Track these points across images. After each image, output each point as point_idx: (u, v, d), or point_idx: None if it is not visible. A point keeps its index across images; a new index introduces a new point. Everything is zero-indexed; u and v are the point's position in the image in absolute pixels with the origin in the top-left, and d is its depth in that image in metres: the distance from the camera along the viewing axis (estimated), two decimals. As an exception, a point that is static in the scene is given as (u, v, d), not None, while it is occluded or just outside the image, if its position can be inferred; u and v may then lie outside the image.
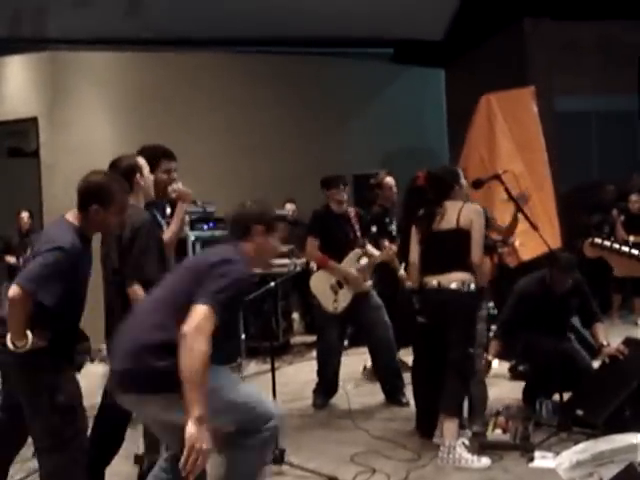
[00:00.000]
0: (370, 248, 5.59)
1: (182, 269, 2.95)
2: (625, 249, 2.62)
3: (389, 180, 6.41)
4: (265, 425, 2.79)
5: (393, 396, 5.33)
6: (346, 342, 6.98)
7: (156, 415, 2.76)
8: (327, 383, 5.50)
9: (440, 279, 4.21)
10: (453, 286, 4.16)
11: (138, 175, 3.52)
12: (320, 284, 5.43)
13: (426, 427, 4.44)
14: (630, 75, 9.66)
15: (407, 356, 5.63)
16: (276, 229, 3.06)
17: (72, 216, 2.99)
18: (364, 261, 5.45)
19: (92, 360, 7.08)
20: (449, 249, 4.23)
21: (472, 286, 4.17)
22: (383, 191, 6.39)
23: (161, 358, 2.59)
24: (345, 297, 5.37)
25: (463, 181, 4.51)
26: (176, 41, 10.11)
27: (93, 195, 2.95)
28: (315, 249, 5.46)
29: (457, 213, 4.24)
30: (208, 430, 2.50)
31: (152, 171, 3.86)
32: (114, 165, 3.52)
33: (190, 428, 2.46)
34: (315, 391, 5.50)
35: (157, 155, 3.92)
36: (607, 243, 2.64)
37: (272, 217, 3.06)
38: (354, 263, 5.44)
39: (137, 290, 3.32)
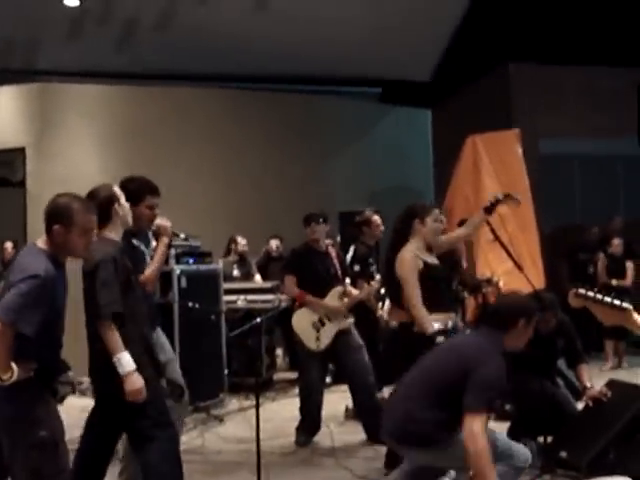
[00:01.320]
0: (350, 288, 5.60)
1: (448, 352, 3.50)
2: (607, 299, 2.65)
3: (377, 218, 6.46)
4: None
5: (375, 435, 5.27)
6: (329, 379, 6.96)
7: (430, 463, 3.47)
8: (310, 421, 5.45)
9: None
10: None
11: (116, 205, 3.51)
12: (302, 322, 5.40)
13: (394, 463, 4.43)
14: (611, 119, 9.86)
15: (390, 394, 5.59)
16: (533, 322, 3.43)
17: (42, 242, 2.98)
18: (345, 300, 5.45)
19: (74, 391, 6.96)
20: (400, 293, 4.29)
21: (434, 326, 4.16)
22: (371, 228, 6.42)
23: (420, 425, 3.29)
24: (327, 334, 5.35)
25: (429, 219, 4.33)
26: (165, 76, 10.21)
27: (54, 216, 2.94)
28: (293, 285, 5.45)
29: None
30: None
31: (136, 204, 3.87)
32: (91, 196, 3.49)
33: None
34: (298, 429, 5.45)
35: (143, 190, 3.97)
36: (590, 294, 2.67)
37: (534, 310, 3.46)
38: (336, 301, 5.43)
39: (108, 330, 3.19)
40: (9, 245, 8.64)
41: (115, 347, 3.18)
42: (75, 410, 6.35)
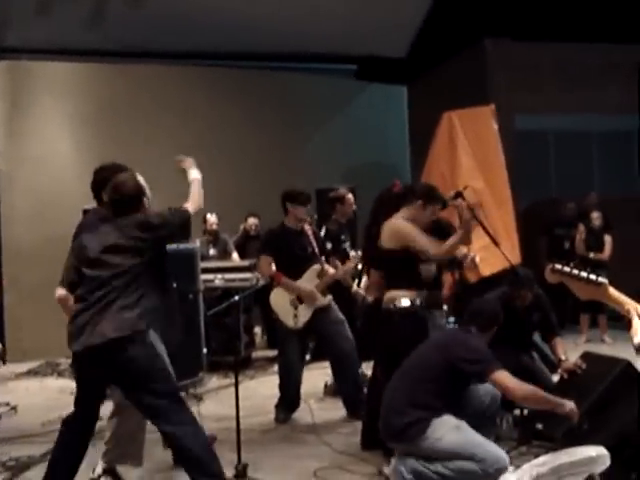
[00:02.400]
0: (327, 266, 5.61)
1: (433, 347, 3.81)
2: (583, 275, 2.67)
3: (351, 197, 6.53)
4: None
5: (355, 410, 5.32)
6: (308, 356, 6.99)
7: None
8: (289, 398, 5.48)
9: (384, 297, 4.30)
10: (388, 306, 4.20)
11: (145, 200, 3.49)
12: (280, 300, 5.42)
13: (370, 441, 4.46)
14: (587, 96, 9.93)
15: (368, 370, 5.64)
16: None
17: None
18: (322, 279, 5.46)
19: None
20: (385, 268, 4.32)
21: (403, 302, 4.16)
22: (344, 206, 6.47)
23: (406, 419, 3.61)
24: (305, 312, 5.37)
25: (432, 208, 4.30)
26: (137, 53, 10.06)
27: None
28: (268, 266, 5.45)
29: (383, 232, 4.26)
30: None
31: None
32: (118, 187, 3.42)
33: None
34: (277, 406, 5.48)
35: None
36: (567, 269, 2.69)
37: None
38: (314, 279, 5.44)
39: None
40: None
41: None
42: (53, 391, 6.36)
